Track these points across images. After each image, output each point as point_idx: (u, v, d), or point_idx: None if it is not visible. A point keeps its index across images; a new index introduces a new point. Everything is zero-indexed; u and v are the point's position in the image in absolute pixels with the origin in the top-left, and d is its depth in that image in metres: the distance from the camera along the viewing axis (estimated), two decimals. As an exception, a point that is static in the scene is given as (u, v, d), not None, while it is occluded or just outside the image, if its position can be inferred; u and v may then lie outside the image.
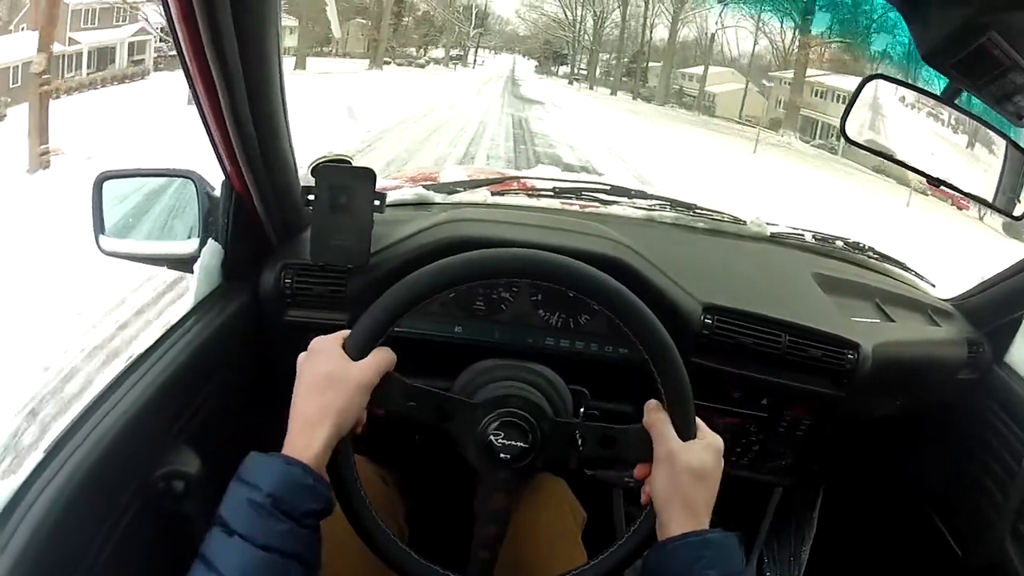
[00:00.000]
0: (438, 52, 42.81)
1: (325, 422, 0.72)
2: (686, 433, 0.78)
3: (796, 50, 29.66)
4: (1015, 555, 1.22)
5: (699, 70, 35.95)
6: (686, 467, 0.76)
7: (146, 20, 18.42)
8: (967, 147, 1.12)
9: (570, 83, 43.18)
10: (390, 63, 35.55)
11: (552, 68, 46.44)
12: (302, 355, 0.78)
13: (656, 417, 0.79)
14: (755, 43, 33.14)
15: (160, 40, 18.81)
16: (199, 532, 0.91)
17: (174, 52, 0.85)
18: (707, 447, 0.79)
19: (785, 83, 29.87)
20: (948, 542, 1.40)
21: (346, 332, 0.78)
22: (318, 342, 0.78)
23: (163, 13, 0.80)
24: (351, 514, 0.79)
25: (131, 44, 19.33)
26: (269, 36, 0.86)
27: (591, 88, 41.70)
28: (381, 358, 0.76)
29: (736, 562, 0.74)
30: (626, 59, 40.83)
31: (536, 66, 47.25)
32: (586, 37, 43.54)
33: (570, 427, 0.85)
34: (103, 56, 18.42)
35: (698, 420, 0.81)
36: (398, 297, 0.77)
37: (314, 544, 0.70)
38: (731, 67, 34.84)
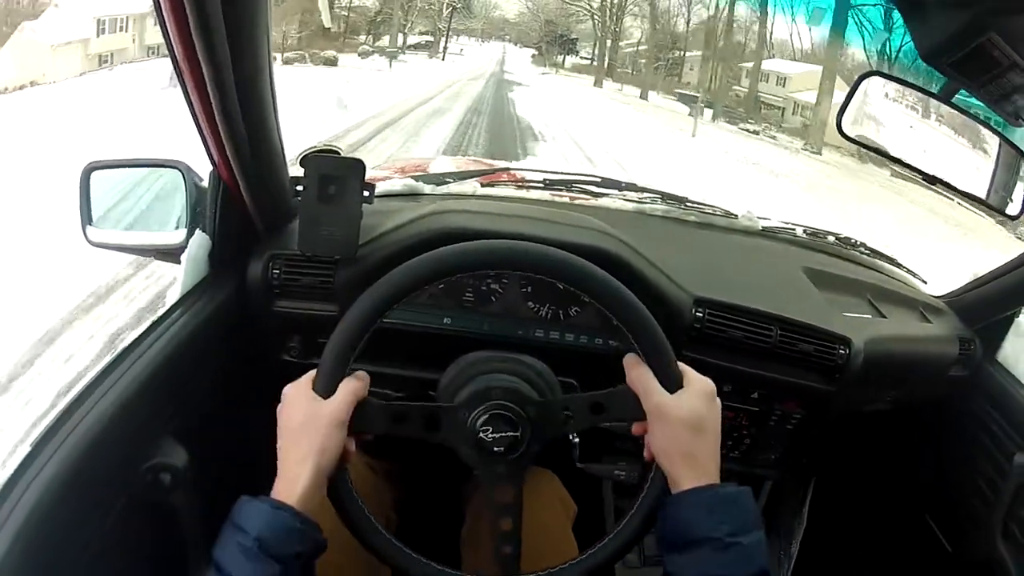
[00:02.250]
0: (411, 38, 33.24)
1: (306, 464, 0.74)
2: (671, 383, 0.77)
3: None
4: (1006, 553, 1.22)
5: (781, 66, 23.98)
6: (679, 420, 0.75)
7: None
8: (961, 145, 1.12)
9: (598, 84, 32.00)
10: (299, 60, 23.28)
11: (556, 57, 35.79)
12: (279, 406, 0.79)
13: (637, 372, 0.78)
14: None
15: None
16: (186, 524, 0.92)
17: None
18: (697, 394, 0.77)
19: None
20: (939, 539, 1.41)
21: (312, 374, 0.79)
22: (289, 389, 0.79)
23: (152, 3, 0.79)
24: (360, 537, 0.80)
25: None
26: (259, 25, 0.85)
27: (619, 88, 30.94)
28: (349, 390, 0.78)
29: (751, 515, 0.73)
30: (652, 47, 30.14)
31: (534, 55, 36.42)
32: (608, 14, 32.66)
33: (556, 404, 0.85)
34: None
35: (684, 367, 0.80)
36: (355, 318, 0.78)
37: None
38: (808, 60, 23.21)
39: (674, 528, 0.73)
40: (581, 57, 35.98)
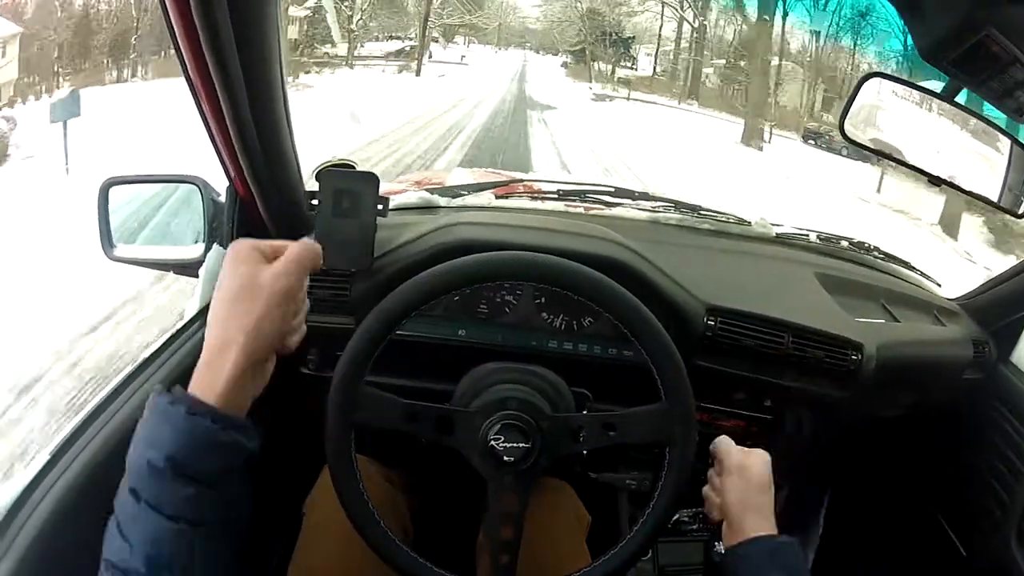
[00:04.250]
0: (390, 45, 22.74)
1: (233, 346, 0.60)
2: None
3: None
4: (1020, 557, 1.21)
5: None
6: (756, 477, 0.86)
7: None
8: (970, 146, 1.11)
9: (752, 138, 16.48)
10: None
11: (600, 67, 23.58)
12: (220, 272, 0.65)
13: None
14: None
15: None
16: None
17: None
18: (763, 458, 0.89)
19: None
20: (954, 543, 1.39)
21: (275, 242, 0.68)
22: (233, 245, 0.66)
23: (163, 18, 0.80)
24: (368, 539, 0.81)
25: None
26: (269, 39, 0.87)
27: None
28: (299, 251, 0.65)
29: (802, 565, 0.81)
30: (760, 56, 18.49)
31: (566, 64, 25.04)
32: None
33: (569, 421, 0.86)
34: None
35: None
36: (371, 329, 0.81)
37: (236, 507, 0.60)
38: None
39: (736, 572, 0.82)
40: (630, 67, 23.91)
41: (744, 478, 0.86)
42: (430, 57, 23.62)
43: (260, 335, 0.61)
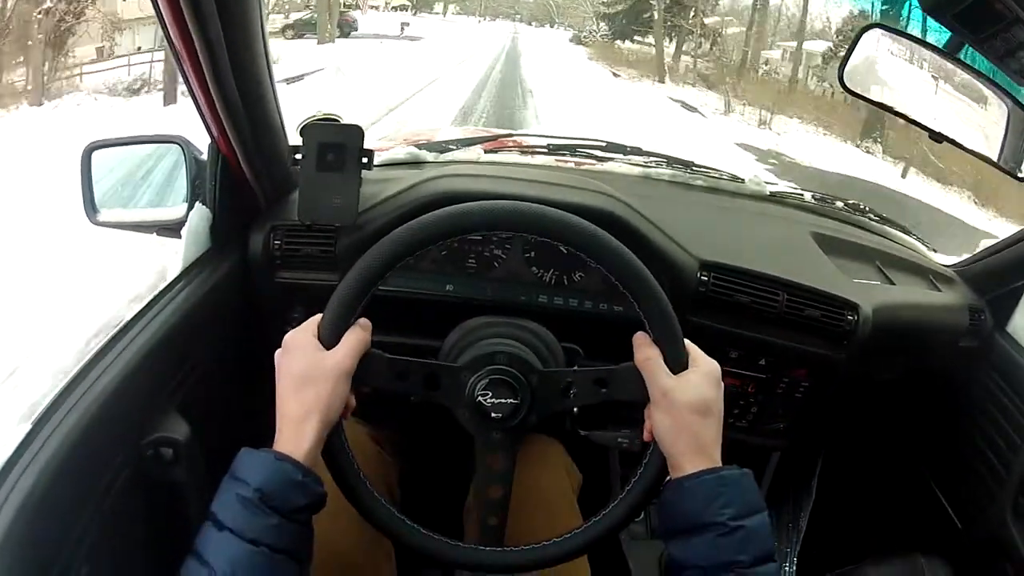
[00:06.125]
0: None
1: (312, 418, 0.72)
2: (678, 365, 0.76)
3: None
4: (1016, 530, 1.20)
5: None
6: (685, 404, 0.74)
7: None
8: (972, 103, 1.09)
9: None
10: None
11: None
12: (278, 352, 0.77)
13: (646, 355, 0.76)
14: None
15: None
16: (189, 499, 0.92)
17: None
18: (704, 376, 0.76)
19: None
20: (949, 514, 1.39)
21: (317, 318, 0.77)
22: (291, 337, 0.77)
23: None
24: (352, 498, 0.79)
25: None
26: None
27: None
28: (355, 340, 0.75)
29: (754, 498, 0.73)
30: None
31: (580, 37, 19.69)
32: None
33: (559, 376, 0.83)
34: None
35: (691, 345, 0.78)
36: (363, 271, 0.76)
37: (305, 539, 0.71)
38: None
39: (677, 513, 0.73)
40: (635, 41, 18.10)
41: (672, 407, 0.74)
42: (342, 31, 17.81)
43: (331, 407, 0.73)
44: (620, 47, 17.82)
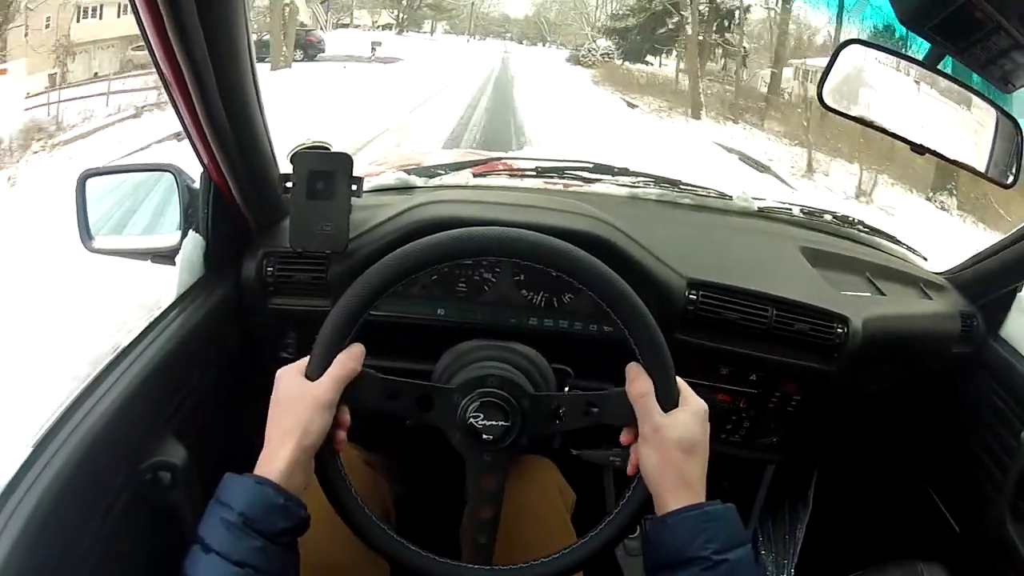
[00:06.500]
0: None
1: (287, 442, 0.75)
2: (669, 402, 0.77)
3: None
4: (1015, 533, 1.20)
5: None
6: (675, 441, 0.76)
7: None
8: (955, 114, 1.09)
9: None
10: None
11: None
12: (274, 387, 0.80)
13: (640, 391, 0.78)
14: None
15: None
16: (187, 523, 0.93)
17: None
18: (693, 416, 0.78)
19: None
20: (946, 519, 1.39)
21: (308, 358, 0.80)
22: (281, 371, 0.80)
23: (131, 8, 0.79)
24: (344, 515, 0.80)
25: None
26: (237, 23, 0.85)
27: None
28: (338, 371, 0.78)
29: (738, 533, 0.74)
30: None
31: (578, 56, 17.04)
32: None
33: (550, 400, 0.85)
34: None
35: (682, 383, 0.79)
36: (345, 307, 0.79)
37: (290, 561, 0.73)
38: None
39: (662, 549, 0.74)
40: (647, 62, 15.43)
41: (661, 444, 0.76)
42: (307, 53, 16.21)
43: (308, 433, 0.75)
44: (629, 68, 15.17)
